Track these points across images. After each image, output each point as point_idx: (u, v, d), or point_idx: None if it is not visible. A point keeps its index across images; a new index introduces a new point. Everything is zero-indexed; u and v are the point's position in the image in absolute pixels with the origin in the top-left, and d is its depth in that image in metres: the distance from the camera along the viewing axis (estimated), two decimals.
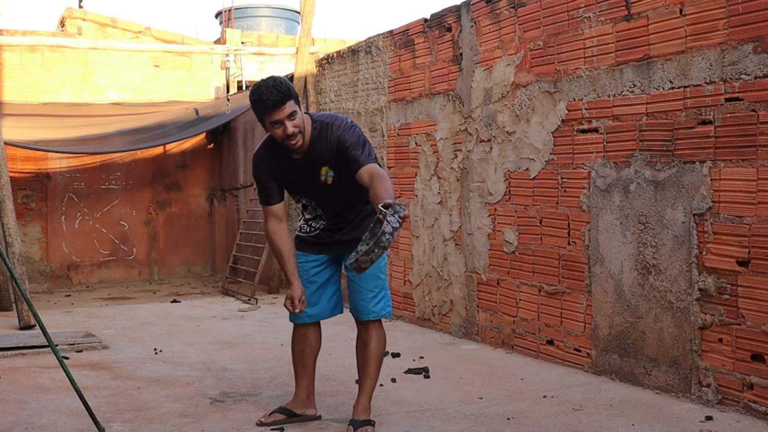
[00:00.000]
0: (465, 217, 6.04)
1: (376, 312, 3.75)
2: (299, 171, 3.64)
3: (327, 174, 3.62)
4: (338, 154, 3.55)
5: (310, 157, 3.61)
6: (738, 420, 3.82)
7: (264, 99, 3.45)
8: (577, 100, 4.92)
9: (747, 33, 3.85)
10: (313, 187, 3.68)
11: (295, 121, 3.48)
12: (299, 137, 3.51)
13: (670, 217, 4.27)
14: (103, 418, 3.77)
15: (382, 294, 3.75)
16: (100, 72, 11.32)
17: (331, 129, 3.57)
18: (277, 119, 3.46)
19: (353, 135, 3.57)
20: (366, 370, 3.76)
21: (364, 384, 3.76)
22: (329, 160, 3.59)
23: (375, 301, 3.74)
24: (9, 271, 3.74)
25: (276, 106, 3.43)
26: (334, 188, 3.66)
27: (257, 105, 3.49)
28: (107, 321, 7.28)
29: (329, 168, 3.61)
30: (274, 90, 3.43)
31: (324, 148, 3.57)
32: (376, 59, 7.29)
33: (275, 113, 3.45)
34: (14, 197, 7.64)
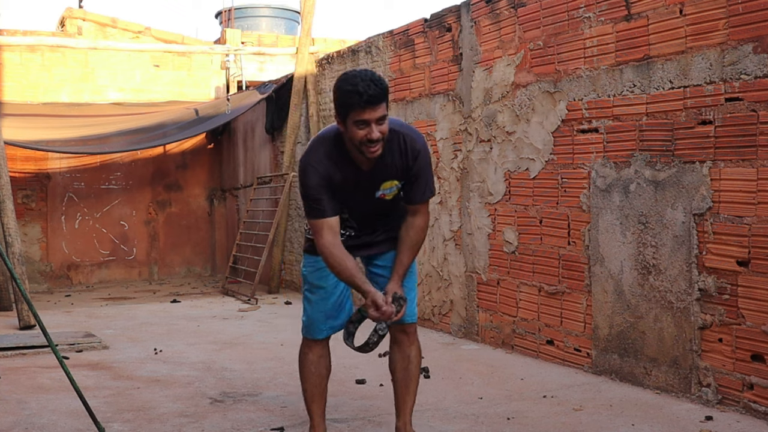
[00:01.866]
0: (465, 217, 6.04)
1: (415, 313, 3.40)
2: (360, 183, 3.16)
3: (390, 189, 3.20)
4: (409, 172, 3.17)
5: (378, 169, 3.13)
6: (738, 420, 3.82)
7: (360, 91, 2.91)
8: (577, 100, 4.92)
9: (747, 33, 3.85)
10: (363, 201, 3.23)
11: (383, 127, 2.99)
12: (380, 145, 3.01)
13: (670, 217, 4.27)
14: (103, 418, 3.77)
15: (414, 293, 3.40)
16: (100, 72, 11.32)
17: (408, 140, 3.15)
18: (365, 118, 2.94)
19: (428, 160, 3.21)
20: (409, 387, 3.41)
21: (406, 402, 3.42)
22: (399, 174, 3.17)
23: (414, 303, 3.38)
24: (9, 271, 3.74)
25: (371, 102, 2.92)
26: (384, 205, 3.26)
27: (348, 96, 2.94)
28: (107, 321, 7.28)
29: (396, 182, 3.18)
30: (372, 84, 2.92)
31: (397, 160, 3.14)
32: (376, 59, 7.29)
33: (367, 111, 2.93)
34: (14, 197, 7.64)
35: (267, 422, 3.90)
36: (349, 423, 3.84)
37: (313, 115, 8.62)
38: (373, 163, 3.10)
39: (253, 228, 9.88)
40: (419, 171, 3.16)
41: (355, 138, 2.98)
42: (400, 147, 3.12)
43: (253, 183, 10.37)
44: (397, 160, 3.12)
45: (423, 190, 3.21)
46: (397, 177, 3.16)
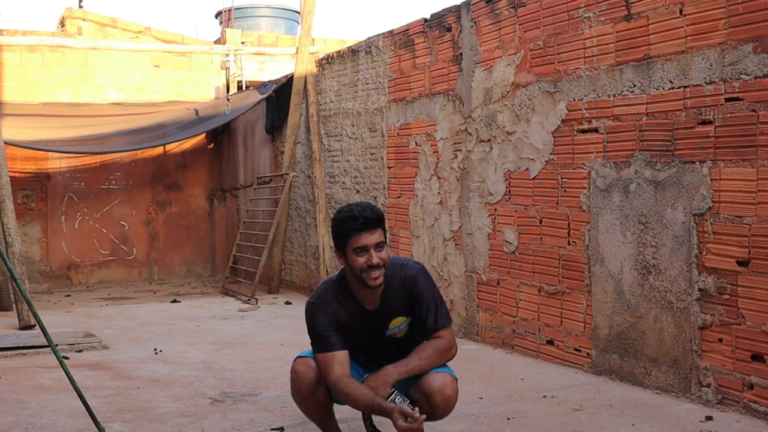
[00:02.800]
0: (465, 217, 6.04)
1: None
2: (368, 325, 3.14)
3: (399, 327, 3.17)
4: (412, 303, 3.14)
5: (384, 306, 3.13)
6: (738, 420, 3.82)
7: (355, 215, 2.98)
8: (577, 100, 4.92)
9: (747, 33, 3.85)
10: (374, 342, 3.20)
11: (383, 254, 3.00)
12: (381, 272, 3.02)
13: (670, 217, 4.27)
14: (103, 418, 3.77)
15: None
16: (100, 72, 11.32)
17: (402, 271, 3.14)
18: (363, 244, 2.97)
19: (428, 284, 3.16)
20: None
21: None
22: (406, 308, 3.14)
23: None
24: (9, 271, 3.74)
25: (368, 225, 2.97)
26: (396, 344, 3.20)
27: (345, 222, 3.01)
28: (107, 321, 7.28)
29: (404, 319, 3.16)
30: (367, 209, 3.01)
31: (399, 295, 3.13)
32: (376, 59, 7.29)
33: (364, 236, 2.97)
34: (14, 197, 7.64)
35: (267, 422, 3.90)
36: (349, 423, 3.84)
37: (313, 115, 8.62)
38: (377, 301, 3.11)
39: (253, 228, 9.88)
40: (422, 299, 3.11)
41: (356, 267, 2.99)
42: (402, 283, 3.12)
43: (253, 183, 10.37)
44: (399, 293, 3.12)
45: (434, 316, 3.12)
46: (404, 312, 3.14)
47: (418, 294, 3.12)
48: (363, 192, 7.55)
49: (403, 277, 3.13)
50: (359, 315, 3.12)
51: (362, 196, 7.56)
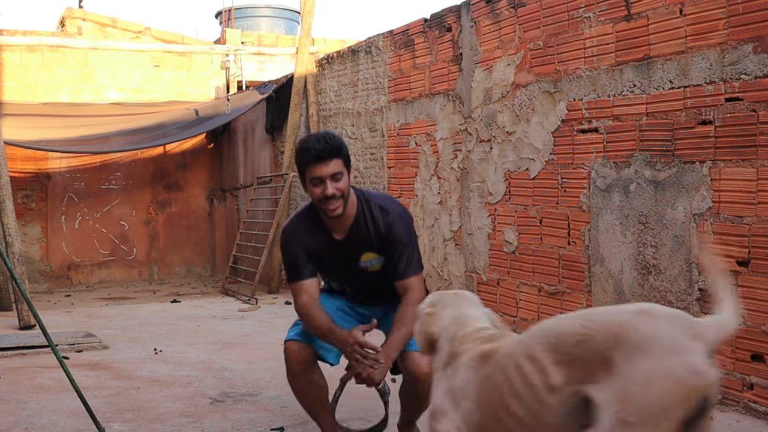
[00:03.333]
0: (465, 217, 6.04)
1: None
2: (338, 253, 3.20)
3: (371, 261, 3.20)
4: (385, 245, 3.16)
5: (352, 238, 3.17)
6: (738, 420, 3.82)
7: (309, 147, 3.02)
8: (577, 100, 4.92)
9: (747, 33, 3.85)
10: (349, 273, 3.26)
11: (339, 184, 3.02)
12: (339, 203, 3.04)
13: (670, 217, 4.27)
14: (103, 418, 3.77)
15: None
16: (100, 72, 11.32)
17: (381, 212, 3.16)
18: (318, 175, 3.01)
19: (406, 232, 3.17)
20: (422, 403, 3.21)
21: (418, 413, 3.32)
22: (375, 246, 3.17)
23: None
24: (9, 271, 3.74)
25: (320, 158, 2.99)
26: (374, 278, 3.25)
27: (301, 154, 3.06)
28: (107, 321, 7.28)
29: (376, 255, 3.19)
30: (322, 140, 3.02)
31: (370, 232, 3.16)
32: (376, 59, 7.29)
33: (318, 167, 3.00)
34: (14, 197, 7.64)
35: (267, 422, 3.90)
36: (349, 423, 3.84)
37: (313, 115, 8.62)
38: (346, 231, 3.16)
39: (253, 228, 9.88)
40: (398, 243, 3.13)
41: (314, 197, 3.05)
42: (373, 219, 3.15)
43: (253, 183, 10.37)
44: (371, 231, 3.15)
45: (408, 263, 3.14)
46: (374, 249, 3.17)
47: (393, 238, 3.14)
48: None
49: (379, 218, 3.15)
50: (328, 243, 3.17)
51: None
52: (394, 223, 3.15)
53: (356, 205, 3.17)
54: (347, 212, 3.13)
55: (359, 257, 3.19)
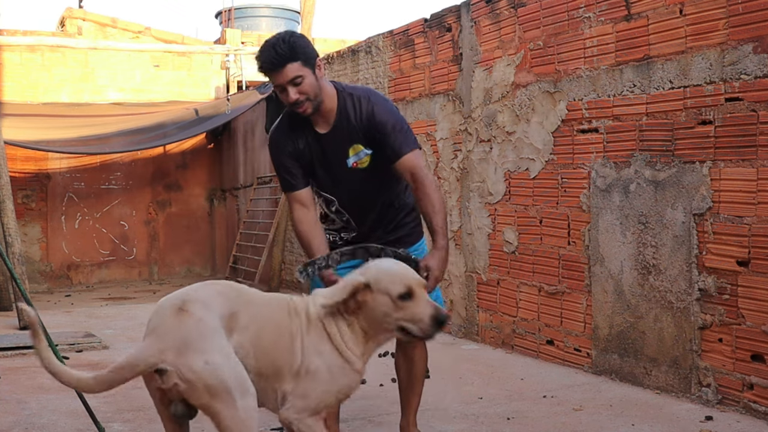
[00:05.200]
0: (465, 217, 6.04)
1: None
2: (324, 149, 3.12)
3: (358, 155, 3.10)
4: (371, 133, 3.07)
5: (337, 129, 3.08)
6: (738, 420, 3.82)
7: (259, 58, 2.98)
8: (577, 100, 4.92)
9: (747, 33, 3.85)
10: (338, 173, 3.14)
11: (301, 87, 2.95)
12: (307, 105, 2.99)
13: (670, 217, 4.27)
14: (103, 418, 3.77)
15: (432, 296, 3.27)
16: (100, 72, 11.33)
17: (361, 100, 3.08)
18: (277, 83, 2.98)
19: (389, 111, 3.09)
20: (414, 388, 3.37)
21: (410, 402, 3.39)
22: (361, 136, 3.08)
23: None
24: (9, 271, 3.74)
25: (273, 67, 2.94)
26: (365, 178, 3.15)
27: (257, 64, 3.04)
28: (107, 321, 7.28)
29: (362, 146, 3.09)
30: (272, 50, 2.94)
31: (353, 120, 3.07)
32: (376, 59, 7.29)
33: (274, 76, 2.96)
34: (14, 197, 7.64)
35: (267, 422, 3.90)
36: (349, 423, 3.84)
37: None
38: (330, 125, 3.08)
39: (253, 228, 9.88)
40: (384, 128, 3.05)
41: (284, 101, 3.02)
42: (354, 109, 3.07)
43: (253, 183, 10.37)
44: (353, 122, 3.06)
45: (401, 141, 3.05)
46: (360, 140, 3.07)
47: (377, 121, 3.05)
48: None
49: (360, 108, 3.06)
50: (314, 139, 3.11)
51: None
52: (375, 106, 3.06)
53: (336, 97, 3.08)
54: (327, 106, 3.06)
55: (347, 152, 3.09)
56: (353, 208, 3.22)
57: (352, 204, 3.21)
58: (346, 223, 3.27)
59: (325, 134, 3.10)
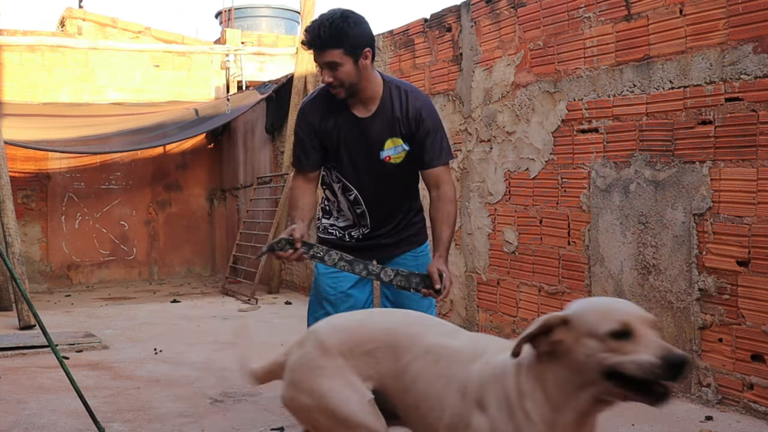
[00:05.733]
0: (465, 217, 6.04)
1: None
2: (360, 135, 3.01)
3: (395, 149, 3.01)
4: (412, 130, 2.99)
5: (378, 117, 2.99)
6: (738, 420, 3.82)
7: (306, 31, 2.94)
8: (577, 100, 4.92)
9: (747, 33, 3.85)
10: (367, 162, 3.03)
11: (337, 73, 2.90)
12: (339, 90, 2.93)
13: (670, 217, 4.27)
14: (103, 418, 3.77)
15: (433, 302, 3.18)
16: (100, 72, 11.32)
17: (409, 96, 3.01)
18: (318, 62, 2.96)
19: (433, 113, 3.02)
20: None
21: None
22: (402, 130, 2.99)
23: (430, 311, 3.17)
24: (9, 271, 3.74)
25: (311, 45, 2.93)
26: (394, 173, 3.05)
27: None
28: (107, 321, 7.28)
29: (401, 141, 2.99)
30: (317, 30, 2.90)
31: (397, 113, 2.98)
32: (376, 59, 7.28)
33: (316, 54, 2.93)
34: (14, 197, 7.64)
35: (267, 422, 3.90)
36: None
37: None
38: (371, 111, 3.00)
39: (253, 228, 9.88)
40: (426, 129, 2.99)
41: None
42: (400, 100, 3.01)
43: (253, 183, 10.37)
44: (397, 113, 2.98)
45: (438, 150, 3.01)
46: (400, 134, 2.99)
47: (421, 120, 2.98)
48: None
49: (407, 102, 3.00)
50: (348, 121, 3.01)
51: None
52: (423, 106, 3.01)
53: (383, 87, 3.01)
54: (369, 93, 2.98)
55: (383, 143, 3.00)
56: (372, 201, 3.13)
57: (372, 197, 3.12)
58: (359, 217, 3.17)
59: (364, 119, 3.01)
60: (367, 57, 2.94)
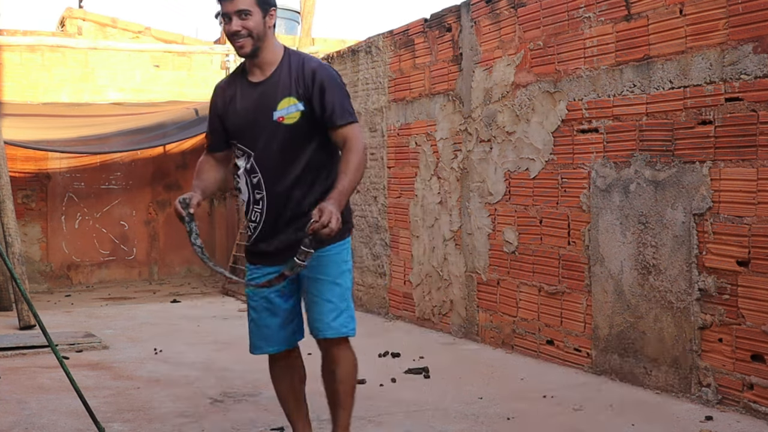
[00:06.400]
0: (465, 217, 6.04)
1: (335, 328, 3.01)
2: (254, 101, 3.03)
3: (287, 109, 2.97)
4: (309, 90, 2.96)
5: (272, 80, 3.01)
6: (738, 420, 3.82)
7: None
8: (577, 100, 4.92)
9: (747, 33, 3.85)
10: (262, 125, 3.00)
11: (246, 22, 2.93)
12: (246, 41, 2.95)
13: (670, 217, 4.27)
14: (103, 418, 3.77)
15: (344, 306, 3.04)
16: (100, 72, 11.32)
17: (304, 59, 3.03)
18: (224, 11, 2.97)
19: (332, 76, 2.99)
20: (338, 402, 3.09)
21: (339, 417, 3.11)
22: (295, 89, 2.97)
23: (334, 315, 3.01)
24: (9, 271, 3.74)
25: None
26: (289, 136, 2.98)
27: None
28: (107, 321, 7.28)
29: (295, 101, 2.96)
30: None
31: (291, 75, 2.99)
32: (376, 59, 7.29)
33: (224, 4, 2.96)
34: (14, 197, 7.64)
35: (267, 422, 3.90)
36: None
37: None
38: (267, 74, 3.02)
39: None
40: (322, 85, 2.94)
41: (225, 33, 2.99)
42: (297, 63, 3.01)
43: None
44: (293, 73, 2.98)
45: (340, 110, 2.94)
46: (296, 93, 2.95)
47: (317, 79, 2.95)
48: (363, 191, 7.55)
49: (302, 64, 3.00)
50: (246, 87, 3.06)
51: (362, 196, 7.56)
52: (319, 67, 2.98)
53: (282, 53, 3.05)
54: (267, 57, 3.02)
55: (276, 104, 2.98)
56: (268, 167, 3.03)
57: (267, 162, 3.02)
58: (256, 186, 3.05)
59: (259, 83, 3.04)
60: (272, 17, 3.02)
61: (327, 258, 3.02)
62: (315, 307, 3.03)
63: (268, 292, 3.10)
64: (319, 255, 2.95)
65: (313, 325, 3.06)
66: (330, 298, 3.02)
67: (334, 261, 3.04)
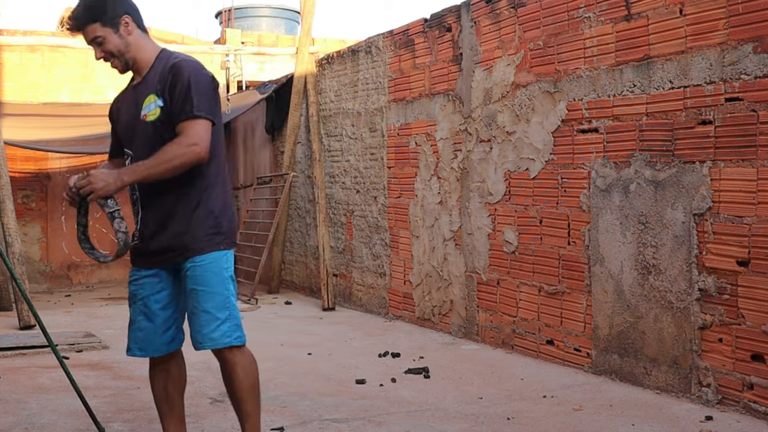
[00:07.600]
0: (465, 217, 6.04)
1: (214, 340, 2.95)
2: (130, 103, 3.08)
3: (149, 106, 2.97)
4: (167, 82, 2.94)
5: (144, 81, 3.04)
6: (738, 420, 3.82)
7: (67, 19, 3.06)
8: (577, 100, 4.92)
9: (747, 33, 3.85)
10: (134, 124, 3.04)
11: (104, 47, 2.99)
12: (115, 62, 3.03)
13: (670, 217, 4.28)
14: (103, 418, 3.77)
15: (224, 315, 2.99)
16: (100, 72, 11.31)
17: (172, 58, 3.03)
18: (87, 42, 3.05)
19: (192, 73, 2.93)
20: (242, 407, 2.99)
21: (245, 424, 3.00)
22: (157, 87, 2.97)
23: (213, 326, 2.96)
24: (9, 271, 3.74)
25: (73, 29, 3.03)
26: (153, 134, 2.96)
27: None
28: (107, 321, 7.28)
29: (155, 97, 2.96)
30: (74, 10, 3.02)
31: (158, 73, 2.99)
32: (376, 59, 7.29)
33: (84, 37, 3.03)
34: (14, 197, 7.64)
35: (267, 422, 3.90)
36: (349, 423, 3.84)
37: (313, 114, 8.62)
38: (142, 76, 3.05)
39: (253, 228, 9.88)
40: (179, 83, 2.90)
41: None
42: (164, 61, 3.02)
43: (253, 183, 10.37)
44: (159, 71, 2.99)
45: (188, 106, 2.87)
46: (156, 90, 2.95)
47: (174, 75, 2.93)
48: (363, 192, 7.55)
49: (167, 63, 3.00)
50: (129, 91, 3.12)
51: (362, 196, 7.56)
52: (184, 65, 2.95)
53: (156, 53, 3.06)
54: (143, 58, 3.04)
55: (142, 103, 3.00)
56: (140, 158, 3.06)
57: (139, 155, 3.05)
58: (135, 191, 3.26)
59: (136, 85, 3.08)
60: (128, 24, 3.01)
61: (202, 268, 3.02)
62: (194, 318, 3.01)
63: (146, 298, 3.25)
64: (194, 266, 3.01)
65: (193, 336, 3.02)
66: (208, 309, 2.97)
67: (210, 270, 3.02)
